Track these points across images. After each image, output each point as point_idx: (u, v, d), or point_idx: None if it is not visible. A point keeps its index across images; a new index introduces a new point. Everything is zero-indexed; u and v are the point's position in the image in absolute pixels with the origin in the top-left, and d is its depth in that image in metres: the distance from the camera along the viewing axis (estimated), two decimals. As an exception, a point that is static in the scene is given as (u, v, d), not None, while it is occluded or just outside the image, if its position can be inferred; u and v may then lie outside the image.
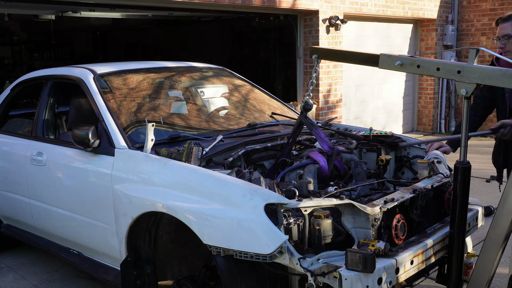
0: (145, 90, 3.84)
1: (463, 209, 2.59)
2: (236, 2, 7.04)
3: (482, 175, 6.71)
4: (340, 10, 8.42)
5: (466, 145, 2.57)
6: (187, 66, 4.40)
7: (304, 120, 3.31)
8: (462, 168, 2.53)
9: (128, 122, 3.40)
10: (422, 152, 3.58)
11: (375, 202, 2.57)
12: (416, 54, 10.71)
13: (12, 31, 12.82)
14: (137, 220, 2.96)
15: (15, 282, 4.09)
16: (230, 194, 2.54)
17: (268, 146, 3.36)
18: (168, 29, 12.74)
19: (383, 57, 2.81)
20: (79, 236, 3.55)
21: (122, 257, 3.12)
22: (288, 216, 2.40)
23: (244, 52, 12.24)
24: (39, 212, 3.87)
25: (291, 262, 2.32)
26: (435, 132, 10.92)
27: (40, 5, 7.14)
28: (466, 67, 2.47)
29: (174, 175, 2.83)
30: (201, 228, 2.56)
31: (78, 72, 3.76)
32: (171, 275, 3.20)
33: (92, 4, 7.26)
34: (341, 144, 3.51)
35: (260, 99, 4.40)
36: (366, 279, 2.27)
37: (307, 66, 8.39)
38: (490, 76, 2.40)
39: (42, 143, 3.84)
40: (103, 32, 14.98)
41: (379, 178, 3.32)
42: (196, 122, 3.83)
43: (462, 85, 2.49)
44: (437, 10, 10.44)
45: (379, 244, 2.39)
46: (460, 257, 2.64)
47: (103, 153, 3.24)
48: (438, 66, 2.60)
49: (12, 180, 4.11)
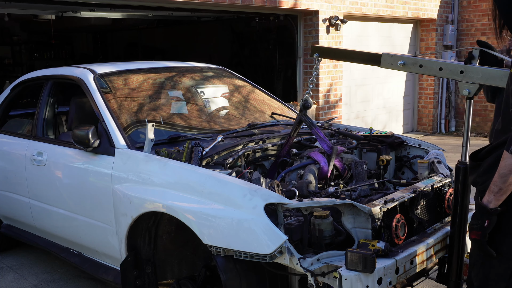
0: (145, 90, 3.84)
1: (463, 209, 2.59)
2: (236, 2, 7.04)
3: (482, 175, 6.70)
4: (340, 10, 8.42)
5: (468, 145, 2.57)
6: (187, 66, 4.40)
7: (303, 118, 3.31)
8: (463, 168, 2.53)
9: (128, 122, 3.39)
10: (422, 152, 3.58)
11: (375, 202, 2.57)
12: (416, 54, 10.71)
13: (12, 31, 12.82)
14: (137, 220, 2.96)
15: (15, 282, 4.09)
16: (230, 194, 2.54)
17: (268, 146, 3.36)
18: (168, 29, 12.74)
19: (385, 57, 2.80)
20: (79, 236, 3.55)
21: (122, 257, 3.12)
22: (288, 216, 2.40)
23: (244, 52, 12.24)
24: (39, 212, 3.86)
25: (291, 262, 2.32)
26: (435, 132, 10.92)
27: (40, 5, 7.14)
28: (469, 68, 2.46)
29: (174, 175, 2.83)
30: (201, 228, 2.56)
31: (78, 72, 3.76)
32: (171, 275, 3.19)
33: (92, 4, 7.26)
34: (341, 144, 3.51)
35: (260, 99, 4.40)
36: (366, 279, 2.27)
37: (307, 66, 8.39)
38: (493, 76, 2.39)
39: (42, 143, 3.84)
40: (103, 32, 14.98)
41: (379, 178, 3.32)
42: (196, 122, 3.83)
43: (464, 85, 2.48)
44: (437, 10, 10.44)
45: (379, 244, 2.39)
46: (461, 257, 2.64)
47: (103, 153, 3.24)
48: (441, 66, 2.59)
49: (12, 180, 4.11)
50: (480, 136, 10.60)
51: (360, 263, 2.25)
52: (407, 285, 2.76)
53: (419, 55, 3.11)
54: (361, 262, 2.24)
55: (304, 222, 2.42)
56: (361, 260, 2.24)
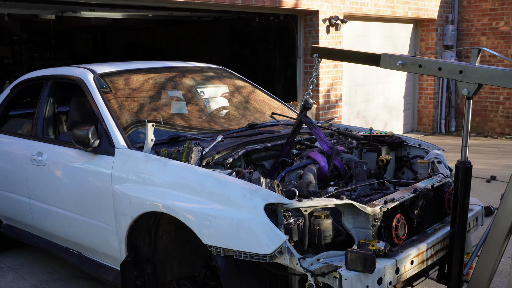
0: (145, 90, 3.84)
1: (464, 209, 2.59)
2: (236, 2, 7.04)
3: (482, 175, 6.71)
4: (340, 10, 8.42)
5: (467, 145, 2.57)
6: (187, 66, 4.40)
7: (303, 119, 3.31)
8: (463, 168, 2.53)
9: (128, 122, 3.39)
10: (422, 152, 3.58)
11: (375, 202, 2.57)
12: (416, 54, 10.72)
13: (12, 31, 12.82)
14: (137, 220, 2.96)
15: (15, 282, 4.09)
16: (230, 194, 2.54)
17: (268, 146, 3.36)
18: (168, 29, 12.74)
19: (385, 57, 2.80)
20: (79, 236, 3.55)
21: (122, 257, 3.12)
22: (288, 216, 2.40)
23: (244, 52, 12.25)
24: (39, 212, 3.86)
25: (291, 262, 2.32)
26: (435, 132, 10.92)
27: (40, 5, 7.14)
28: (468, 67, 2.46)
29: (174, 175, 2.83)
30: (201, 228, 2.56)
31: (78, 72, 3.76)
32: (171, 275, 3.19)
33: (92, 4, 7.27)
34: (341, 144, 3.51)
35: (260, 99, 4.40)
36: (366, 279, 2.27)
37: (307, 66, 8.39)
38: (492, 76, 2.40)
39: (42, 143, 3.84)
40: (103, 32, 14.99)
41: (379, 178, 3.32)
42: (196, 122, 3.82)
43: (464, 85, 2.48)
44: (437, 10, 10.44)
45: (379, 244, 2.39)
46: (461, 257, 2.64)
47: (103, 153, 3.24)
48: (440, 66, 2.59)
49: (12, 180, 4.11)
50: (480, 136, 10.60)
51: (360, 263, 2.24)
52: (407, 285, 2.76)
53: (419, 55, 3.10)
54: (361, 262, 2.24)
55: (304, 222, 2.41)
56: (361, 260, 2.24)
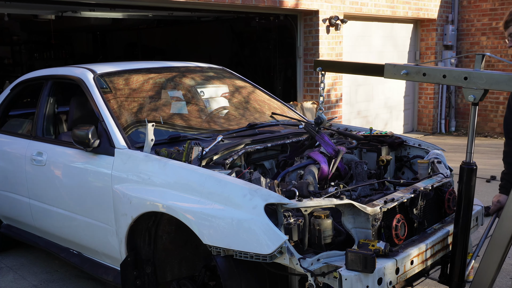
0: (145, 90, 3.84)
1: (467, 210, 2.59)
2: (236, 2, 7.04)
3: (482, 175, 6.71)
4: (340, 10, 8.42)
5: (472, 151, 2.56)
6: (187, 66, 4.40)
7: (307, 128, 3.38)
8: (467, 169, 2.53)
9: (128, 122, 3.39)
10: (422, 152, 3.58)
11: (375, 202, 2.57)
12: (416, 55, 10.71)
13: (12, 31, 12.82)
14: (137, 220, 2.96)
15: (15, 282, 4.09)
16: (230, 194, 2.54)
17: (268, 146, 3.36)
18: (168, 29, 12.75)
19: (388, 67, 2.77)
20: (79, 236, 3.55)
21: (122, 257, 3.12)
22: (288, 216, 2.40)
23: (244, 52, 12.25)
24: (39, 212, 3.86)
25: (291, 262, 2.32)
26: (435, 132, 10.92)
27: (40, 5, 7.14)
28: (473, 73, 2.43)
29: (174, 175, 2.82)
30: (201, 228, 2.56)
31: (78, 72, 3.76)
32: (171, 275, 3.19)
33: (92, 4, 7.27)
34: (341, 144, 3.51)
35: (260, 99, 4.40)
36: (366, 279, 2.27)
37: (307, 66, 8.39)
38: (497, 81, 2.37)
39: (42, 143, 3.84)
40: (103, 32, 14.98)
41: (379, 178, 3.32)
42: (196, 122, 3.82)
43: (469, 91, 2.45)
44: (437, 10, 10.44)
45: (379, 244, 2.39)
46: (463, 258, 2.63)
47: (103, 153, 3.24)
48: (445, 73, 2.55)
49: (12, 180, 4.11)
50: (480, 136, 10.60)
51: (360, 263, 2.24)
52: (407, 285, 2.75)
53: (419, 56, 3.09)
54: (361, 262, 2.24)
55: (304, 222, 2.41)
56: (361, 260, 2.24)
